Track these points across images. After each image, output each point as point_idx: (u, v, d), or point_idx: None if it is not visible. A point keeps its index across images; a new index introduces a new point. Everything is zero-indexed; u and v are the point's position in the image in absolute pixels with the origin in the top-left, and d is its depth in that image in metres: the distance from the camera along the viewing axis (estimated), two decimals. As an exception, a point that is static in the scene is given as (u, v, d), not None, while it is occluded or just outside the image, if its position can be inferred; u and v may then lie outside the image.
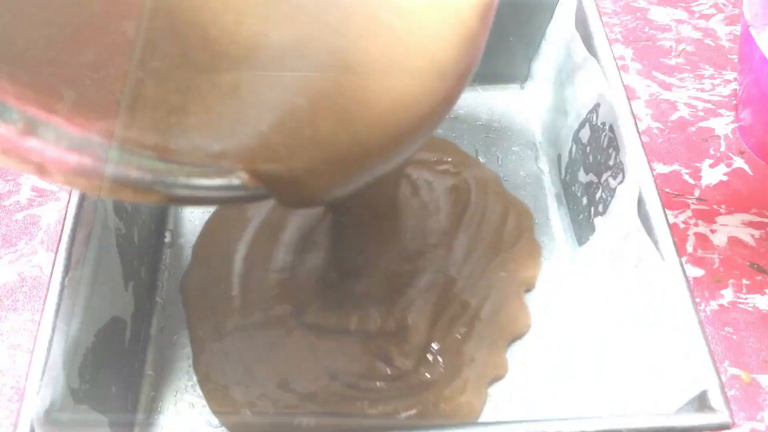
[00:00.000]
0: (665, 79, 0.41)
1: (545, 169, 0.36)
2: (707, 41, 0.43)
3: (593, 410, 0.28)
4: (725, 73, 0.41)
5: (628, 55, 0.43)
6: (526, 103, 0.39)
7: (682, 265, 0.24)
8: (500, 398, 0.29)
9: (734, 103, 0.40)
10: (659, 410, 0.23)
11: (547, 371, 0.29)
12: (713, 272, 0.33)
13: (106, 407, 0.25)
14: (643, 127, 0.39)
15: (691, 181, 0.37)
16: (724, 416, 0.21)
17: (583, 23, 0.32)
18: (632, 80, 0.41)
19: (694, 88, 0.41)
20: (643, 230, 0.26)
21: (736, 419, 0.22)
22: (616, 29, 0.44)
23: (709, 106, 0.40)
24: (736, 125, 0.39)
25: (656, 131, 0.39)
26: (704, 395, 0.22)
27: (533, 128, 0.38)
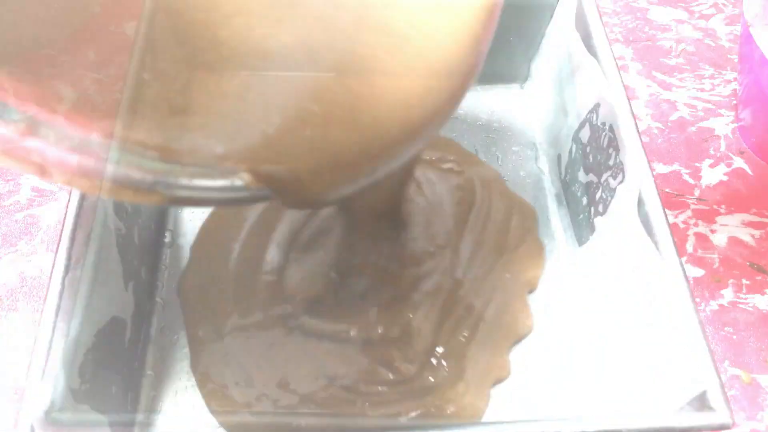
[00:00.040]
0: (665, 79, 0.41)
1: (545, 169, 0.36)
2: (707, 41, 0.43)
3: (593, 410, 0.28)
4: (725, 73, 0.41)
5: (628, 55, 0.43)
6: (526, 103, 0.39)
7: (682, 265, 0.24)
8: (500, 398, 0.29)
9: (734, 103, 0.40)
10: (659, 410, 0.23)
11: (547, 371, 0.29)
12: (713, 272, 0.33)
13: (106, 407, 0.25)
14: (643, 127, 0.39)
15: (691, 181, 0.37)
16: (724, 416, 0.21)
17: (583, 23, 0.32)
18: (632, 80, 0.41)
19: (694, 88, 0.41)
20: (643, 230, 0.26)
21: (736, 419, 0.22)
22: (616, 29, 0.44)
23: (709, 106, 0.40)
24: (736, 125, 0.39)
25: (656, 131, 0.39)
26: (704, 395, 0.22)
27: (533, 128, 0.38)
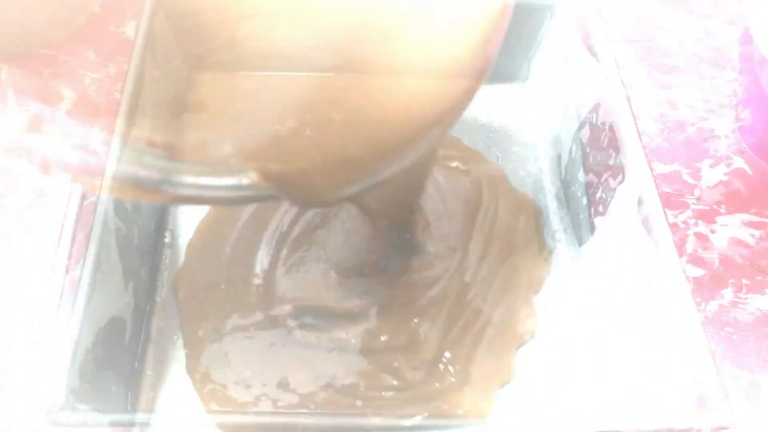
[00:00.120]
0: (665, 79, 0.41)
1: (545, 169, 0.36)
2: (707, 41, 0.43)
3: (594, 410, 0.28)
4: (725, 73, 0.41)
5: (628, 55, 0.42)
6: (526, 102, 0.39)
7: (682, 265, 0.24)
8: (503, 399, 0.29)
9: (734, 103, 0.40)
10: (659, 410, 0.23)
11: (547, 372, 0.29)
12: (713, 272, 0.33)
13: (106, 407, 0.25)
14: (643, 127, 0.39)
15: (691, 181, 0.37)
16: (724, 416, 0.21)
17: (583, 23, 0.32)
18: (632, 80, 0.41)
19: (694, 88, 0.41)
20: (643, 230, 0.26)
21: (735, 419, 0.22)
22: (616, 29, 0.44)
23: (709, 106, 0.40)
24: (736, 125, 0.39)
25: (656, 131, 0.39)
26: (704, 395, 0.22)
27: (533, 128, 0.38)
